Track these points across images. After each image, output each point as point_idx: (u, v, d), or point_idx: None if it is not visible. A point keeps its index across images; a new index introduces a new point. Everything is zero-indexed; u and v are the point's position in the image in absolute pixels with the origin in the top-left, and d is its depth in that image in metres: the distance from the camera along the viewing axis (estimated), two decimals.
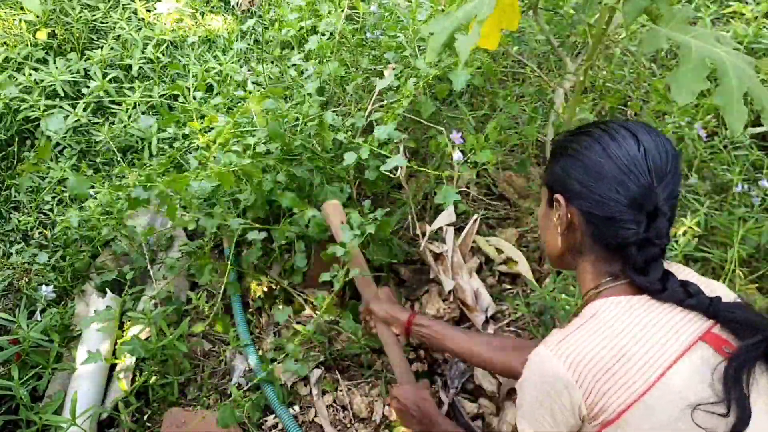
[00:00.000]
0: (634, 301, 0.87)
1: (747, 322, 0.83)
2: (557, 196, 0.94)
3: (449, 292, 1.73)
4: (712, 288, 0.93)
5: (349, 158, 1.57)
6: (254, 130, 1.74)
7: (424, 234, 1.77)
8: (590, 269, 0.94)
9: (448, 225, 1.85)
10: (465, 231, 1.86)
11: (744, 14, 2.58)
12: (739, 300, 0.89)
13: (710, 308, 0.84)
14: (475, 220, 1.90)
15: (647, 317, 0.85)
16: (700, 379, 0.79)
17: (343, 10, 1.93)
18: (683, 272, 0.96)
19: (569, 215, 0.93)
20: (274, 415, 1.57)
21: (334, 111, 1.78)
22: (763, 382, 0.80)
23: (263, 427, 1.56)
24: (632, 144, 0.88)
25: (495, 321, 1.76)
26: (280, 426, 1.55)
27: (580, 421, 0.83)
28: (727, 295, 0.91)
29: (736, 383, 0.77)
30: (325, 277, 1.50)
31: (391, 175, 1.66)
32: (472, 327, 1.73)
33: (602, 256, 0.92)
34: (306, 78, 1.87)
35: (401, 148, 1.67)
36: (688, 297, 0.85)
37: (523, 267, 1.83)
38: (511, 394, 1.58)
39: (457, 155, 1.49)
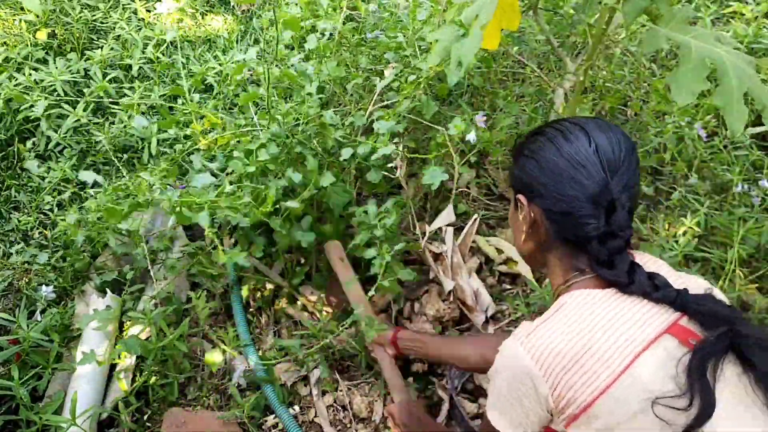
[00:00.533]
0: (600, 294, 0.89)
1: (713, 313, 0.83)
2: (519, 196, 0.98)
3: (449, 292, 1.73)
4: (683, 281, 0.93)
5: (346, 153, 1.57)
6: (255, 130, 1.74)
7: (423, 234, 1.77)
8: (558, 264, 0.97)
9: (448, 225, 1.85)
10: (465, 231, 1.87)
11: (744, 14, 2.58)
12: (709, 291, 0.90)
13: (677, 300, 0.85)
14: (475, 220, 1.91)
15: (613, 310, 0.86)
16: (665, 371, 0.80)
17: (342, 11, 1.93)
18: (654, 264, 0.97)
19: (532, 214, 0.96)
20: (274, 415, 1.57)
21: (335, 111, 1.78)
22: (729, 372, 0.81)
23: (263, 427, 1.56)
24: (584, 141, 0.90)
25: (495, 321, 1.76)
26: (280, 426, 1.55)
27: (548, 414, 0.85)
28: (699, 287, 0.92)
29: (700, 375, 0.77)
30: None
31: (392, 176, 1.66)
32: (472, 327, 1.73)
33: (568, 252, 0.95)
34: (306, 77, 1.87)
35: (401, 147, 1.67)
36: (655, 290, 0.87)
37: (523, 267, 1.83)
38: None
39: (471, 135, 1.50)
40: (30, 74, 2.50)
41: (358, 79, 1.83)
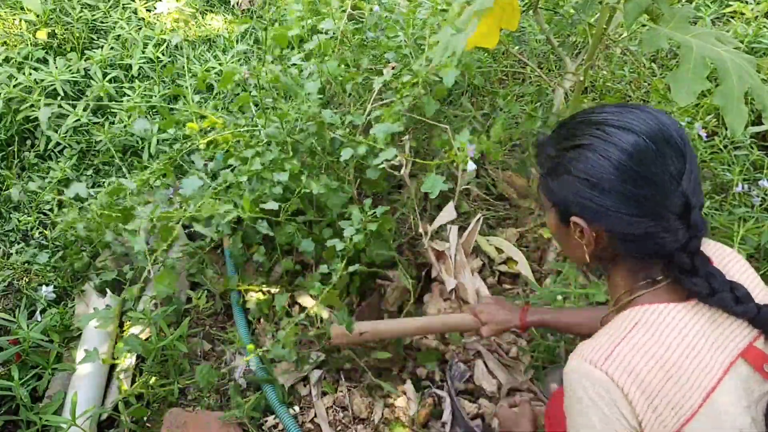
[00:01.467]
0: (677, 311, 0.82)
1: None
2: (575, 219, 0.85)
3: (450, 291, 1.73)
4: (748, 278, 0.88)
5: (346, 154, 1.57)
6: (255, 129, 1.74)
7: (426, 233, 1.77)
8: (625, 275, 0.88)
9: (450, 223, 1.84)
10: (468, 229, 1.86)
11: (744, 14, 2.58)
12: None
13: (758, 318, 0.79)
14: (478, 219, 1.90)
15: (692, 330, 0.80)
16: (740, 404, 0.76)
17: (345, 10, 1.92)
18: (719, 254, 0.90)
19: (594, 234, 0.85)
20: (274, 416, 1.57)
21: (335, 111, 1.78)
22: None
23: (263, 427, 1.56)
24: (638, 143, 0.78)
25: None
26: (280, 426, 1.55)
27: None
28: (762, 290, 0.87)
29: None
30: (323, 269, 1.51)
31: (396, 173, 1.66)
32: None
33: (641, 264, 0.86)
34: (307, 77, 1.87)
35: (406, 148, 1.66)
36: (736, 302, 0.79)
37: (524, 267, 1.83)
38: (511, 394, 1.58)
39: (471, 166, 1.47)
40: (30, 74, 2.50)
41: (358, 78, 1.83)
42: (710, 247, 0.90)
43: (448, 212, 1.83)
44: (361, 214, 1.52)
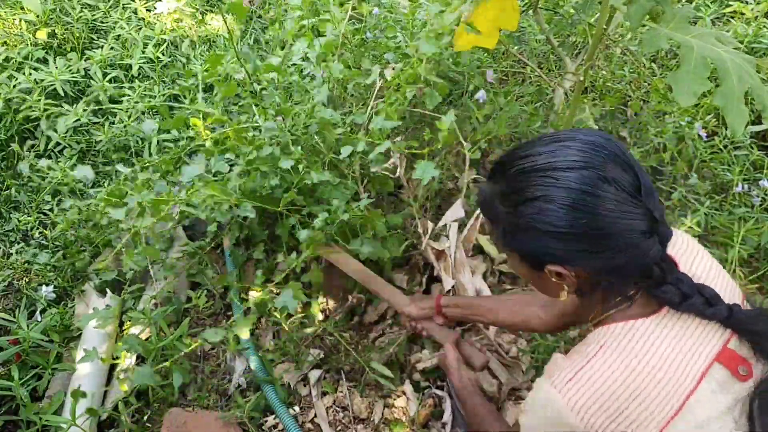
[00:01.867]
0: (648, 323, 0.82)
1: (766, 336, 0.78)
2: (550, 267, 0.83)
3: (448, 291, 1.73)
4: (712, 275, 0.88)
5: (345, 151, 1.57)
6: (257, 126, 1.74)
7: (425, 232, 1.76)
8: (601, 297, 0.88)
9: (455, 221, 1.82)
10: (468, 226, 1.85)
11: (744, 14, 2.58)
12: (757, 308, 0.83)
13: (729, 320, 0.79)
14: (477, 215, 1.89)
15: (664, 341, 0.80)
16: (718, 408, 0.76)
17: (347, 12, 1.92)
18: (681, 251, 0.90)
19: (574, 274, 0.83)
20: (274, 416, 1.57)
21: (339, 112, 1.77)
22: None
23: (263, 427, 1.56)
24: (583, 177, 0.75)
25: None
26: (280, 426, 1.55)
27: None
28: (727, 284, 0.87)
29: (763, 416, 0.75)
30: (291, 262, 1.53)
31: (391, 176, 1.65)
32: (473, 326, 1.72)
33: (615, 286, 0.85)
34: (311, 81, 1.86)
35: (402, 146, 1.66)
36: (707, 306, 0.79)
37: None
38: (511, 394, 1.58)
39: (480, 94, 1.51)
40: (30, 74, 2.50)
41: (359, 78, 1.83)
42: (672, 245, 0.87)
43: (456, 209, 1.79)
44: (344, 205, 1.53)
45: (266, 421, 1.57)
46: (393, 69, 1.82)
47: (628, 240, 0.76)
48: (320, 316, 1.72)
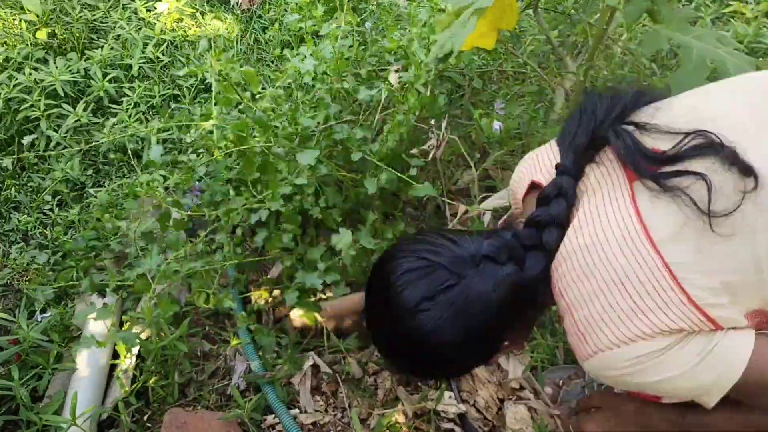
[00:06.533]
0: (566, 261, 0.84)
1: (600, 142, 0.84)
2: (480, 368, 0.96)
3: None
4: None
5: (371, 186, 1.53)
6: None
7: (454, 215, 1.72)
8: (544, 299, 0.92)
9: (452, 216, 1.78)
10: (502, 219, 1.78)
11: (744, 14, 2.58)
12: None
13: (575, 174, 0.85)
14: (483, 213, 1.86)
15: (591, 243, 0.81)
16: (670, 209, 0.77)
17: (348, 22, 1.92)
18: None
19: (507, 343, 0.92)
20: (273, 415, 1.57)
21: (345, 122, 1.77)
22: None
23: (262, 426, 1.56)
24: (424, 313, 0.82)
25: None
26: (279, 426, 1.55)
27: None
28: None
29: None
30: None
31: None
32: None
33: (531, 304, 0.92)
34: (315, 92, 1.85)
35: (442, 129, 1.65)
36: (552, 227, 0.85)
37: None
38: (512, 394, 1.58)
39: (496, 125, 1.51)
40: (30, 74, 2.50)
41: (364, 91, 1.81)
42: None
43: (500, 196, 1.72)
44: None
45: (265, 420, 1.57)
46: (397, 71, 1.82)
47: (496, 304, 0.82)
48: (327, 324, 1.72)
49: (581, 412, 1.20)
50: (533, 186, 0.95)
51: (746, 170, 0.72)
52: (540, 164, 0.94)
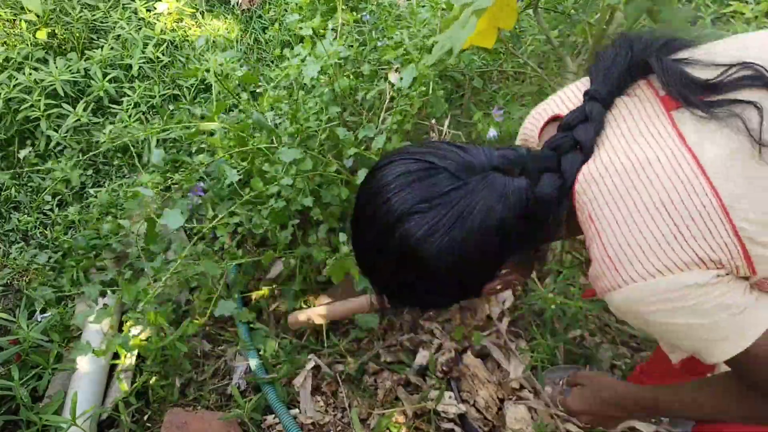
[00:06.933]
0: (598, 180, 0.76)
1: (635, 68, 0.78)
2: (489, 286, 0.83)
3: None
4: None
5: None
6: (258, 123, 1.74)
7: None
8: (559, 228, 0.84)
9: None
10: None
11: (744, 14, 2.58)
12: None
13: (606, 101, 0.78)
14: None
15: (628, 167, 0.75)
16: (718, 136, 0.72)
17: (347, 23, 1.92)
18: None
19: (505, 272, 0.84)
20: (273, 415, 1.57)
21: (347, 122, 1.77)
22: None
23: (262, 426, 1.56)
24: (410, 223, 0.73)
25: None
26: (279, 427, 1.55)
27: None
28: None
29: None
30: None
31: None
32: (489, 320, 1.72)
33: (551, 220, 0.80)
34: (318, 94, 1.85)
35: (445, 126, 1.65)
36: (570, 141, 0.78)
37: None
38: (512, 394, 1.58)
39: (492, 132, 1.49)
40: (30, 74, 2.50)
41: (369, 92, 1.81)
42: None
43: None
44: None
45: (266, 420, 1.57)
46: (397, 71, 1.82)
47: (499, 218, 0.73)
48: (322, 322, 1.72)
49: (568, 388, 1.17)
50: (555, 120, 0.87)
51: None
52: (565, 98, 0.87)
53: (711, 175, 0.69)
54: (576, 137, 0.78)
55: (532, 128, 0.92)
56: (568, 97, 0.87)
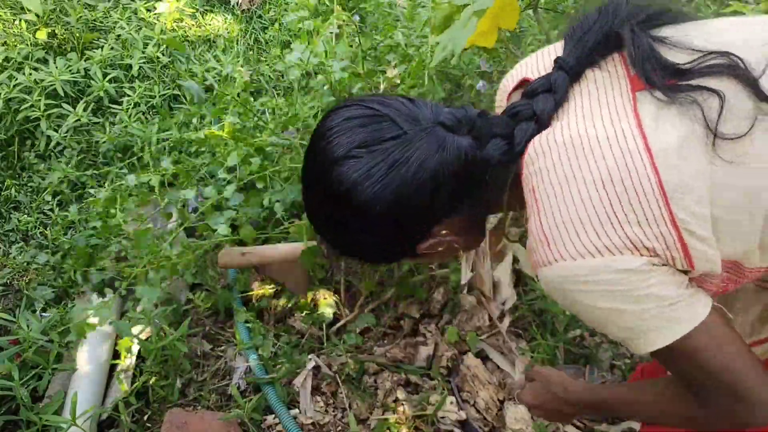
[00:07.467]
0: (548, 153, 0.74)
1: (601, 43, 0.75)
2: (423, 246, 0.80)
3: (463, 285, 1.71)
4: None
5: None
6: (264, 126, 1.74)
7: None
8: (504, 200, 0.82)
9: None
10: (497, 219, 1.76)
11: (744, 14, 2.57)
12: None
13: (573, 71, 0.76)
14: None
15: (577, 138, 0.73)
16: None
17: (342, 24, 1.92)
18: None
19: (445, 233, 0.80)
20: (273, 416, 1.57)
21: None
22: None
23: (262, 426, 1.56)
24: (349, 164, 0.72)
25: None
26: (279, 427, 1.55)
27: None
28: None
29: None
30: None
31: None
32: (490, 320, 1.71)
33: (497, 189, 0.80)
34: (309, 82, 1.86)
35: None
36: (530, 115, 0.76)
37: (526, 265, 1.82)
38: (511, 395, 1.58)
39: (480, 84, 1.48)
40: (30, 74, 2.50)
41: (362, 82, 1.82)
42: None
43: None
44: None
45: (266, 420, 1.57)
46: (395, 67, 1.82)
47: (432, 170, 0.72)
48: (329, 311, 1.72)
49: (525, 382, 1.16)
50: (525, 83, 0.84)
51: (765, 98, 0.65)
52: (539, 61, 0.85)
53: (658, 161, 0.66)
54: (534, 108, 0.76)
55: (502, 92, 0.90)
56: (543, 61, 0.84)
